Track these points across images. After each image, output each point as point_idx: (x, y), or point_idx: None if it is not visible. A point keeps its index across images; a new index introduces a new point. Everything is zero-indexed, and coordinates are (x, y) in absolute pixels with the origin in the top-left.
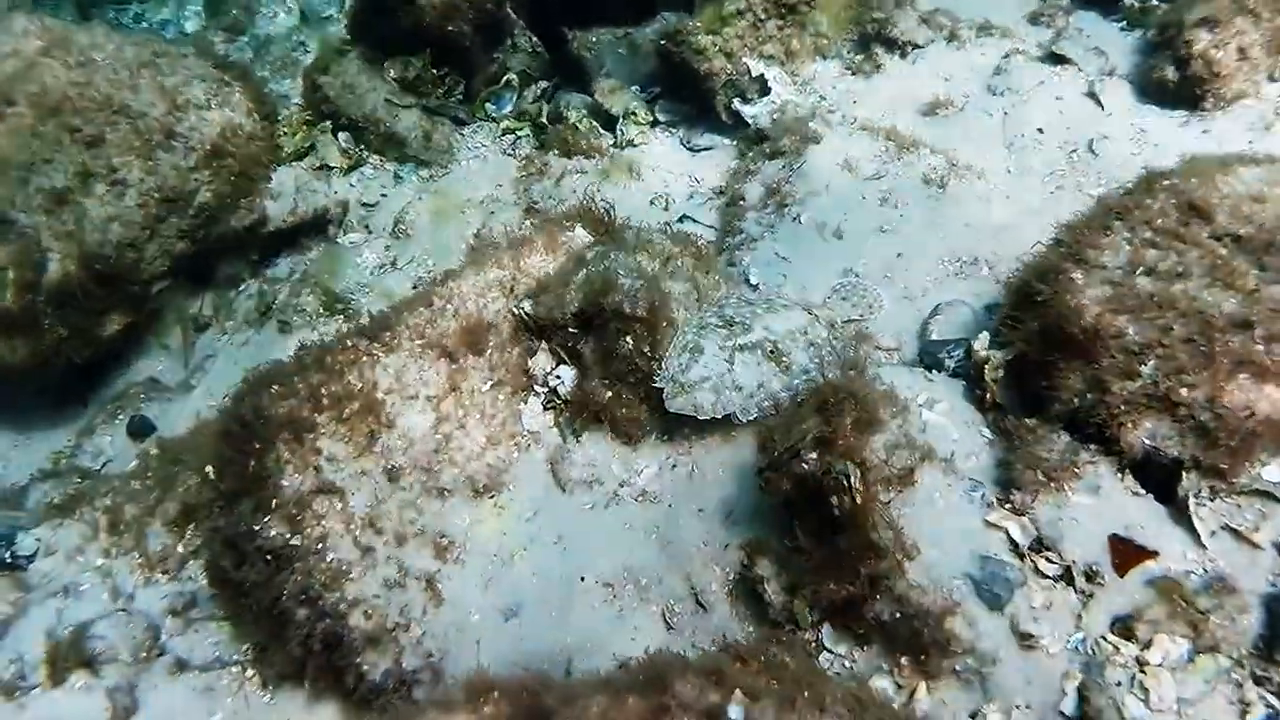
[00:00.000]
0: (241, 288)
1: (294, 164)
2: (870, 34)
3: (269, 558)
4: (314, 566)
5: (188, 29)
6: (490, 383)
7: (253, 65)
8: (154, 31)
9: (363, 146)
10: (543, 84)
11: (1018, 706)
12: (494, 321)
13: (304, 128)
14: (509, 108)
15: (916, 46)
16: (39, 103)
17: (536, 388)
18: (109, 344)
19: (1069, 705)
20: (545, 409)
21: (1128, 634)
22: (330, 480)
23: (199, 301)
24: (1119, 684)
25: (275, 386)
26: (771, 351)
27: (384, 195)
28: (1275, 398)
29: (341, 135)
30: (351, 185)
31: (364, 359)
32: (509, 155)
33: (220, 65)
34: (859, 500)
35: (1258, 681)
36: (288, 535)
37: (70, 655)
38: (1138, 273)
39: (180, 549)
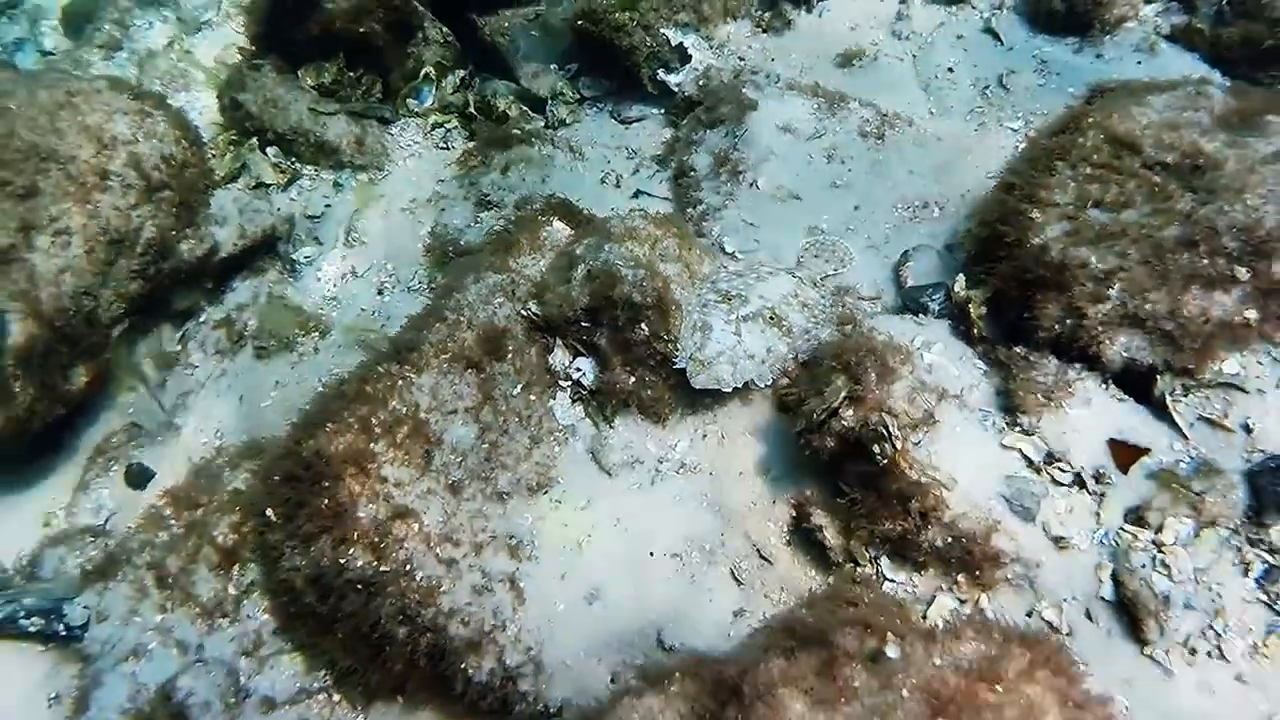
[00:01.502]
0: (202, 318)
1: (230, 186)
2: None
3: (359, 587)
4: (406, 587)
5: (47, 45)
6: (519, 385)
7: (140, 80)
8: (8, 51)
9: (294, 159)
10: (460, 73)
11: (1065, 600)
12: (507, 326)
13: (231, 148)
14: (430, 100)
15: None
16: None
17: (561, 383)
18: (79, 398)
19: (1107, 591)
20: (574, 401)
21: (1141, 522)
22: (402, 504)
23: (160, 338)
24: (1144, 566)
25: (329, 425)
26: (771, 318)
27: (328, 205)
28: (1224, 302)
29: (270, 151)
30: (292, 199)
31: (399, 382)
32: (442, 148)
33: (138, 96)
34: (899, 446)
35: (1252, 544)
36: (375, 563)
37: (161, 715)
38: (1088, 206)
39: (231, 590)
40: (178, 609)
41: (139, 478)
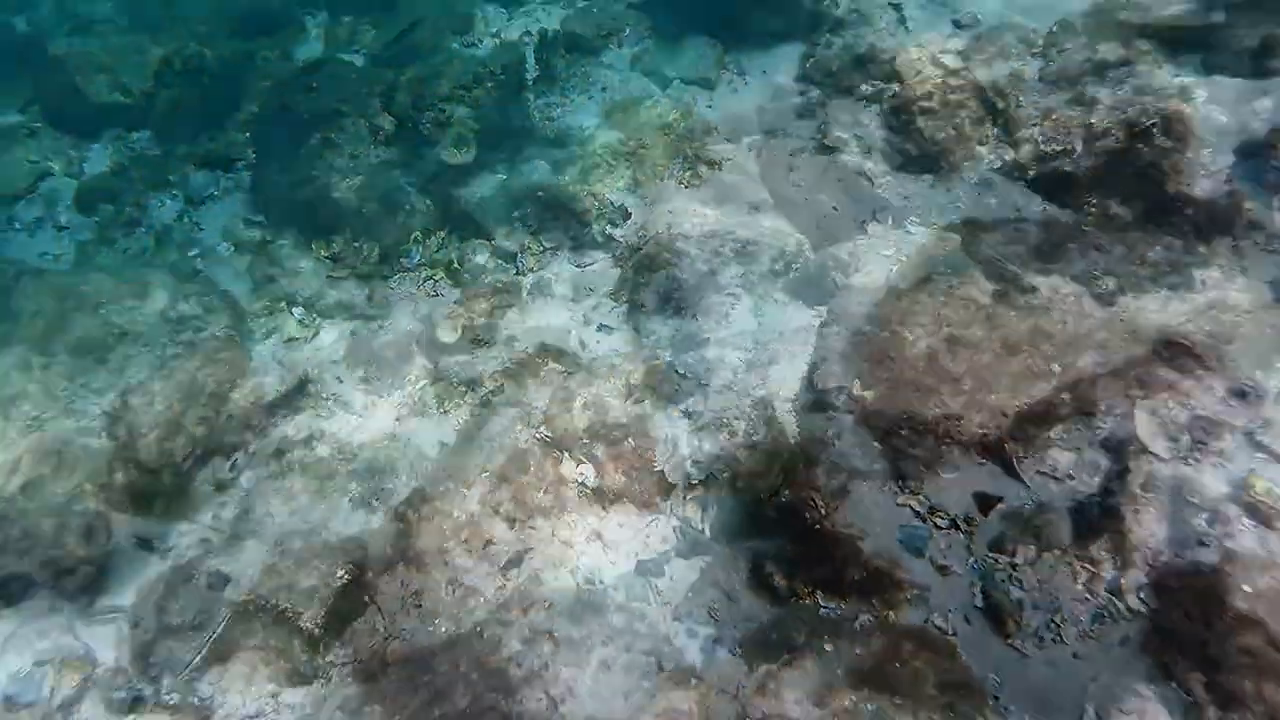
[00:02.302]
0: (251, 449)
1: (266, 341)
2: (690, 156)
3: (445, 645)
4: (479, 646)
5: (62, 222)
6: (541, 490)
7: (160, 251)
8: (30, 230)
9: (317, 315)
10: (441, 234)
11: (950, 610)
12: (527, 447)
13: (265, 312)
14: (419, 258)
15: (728, 159)
16: (77, 347)
17: (570, 484)
18: (161, 522)
19: (979, 601)
20: (580, 498)
21: (1000, 550)
22: (471, 585)
23: (213, 468)
24: (1003, 581)
25: (412, 532)
26: (720, 425)
27: (347, 351)
28: (1045, 389)
29: (296, 310)
30: (318, 349)
31: (456, 498)
32: (434, 296)
33: (191, 279)
34: (824, 513)
35: (1078, 559)
36: (455, 628)
37: None
38: (944, 326)
39: (320, 661)
40: (283, 681)
41: (218, 583)
